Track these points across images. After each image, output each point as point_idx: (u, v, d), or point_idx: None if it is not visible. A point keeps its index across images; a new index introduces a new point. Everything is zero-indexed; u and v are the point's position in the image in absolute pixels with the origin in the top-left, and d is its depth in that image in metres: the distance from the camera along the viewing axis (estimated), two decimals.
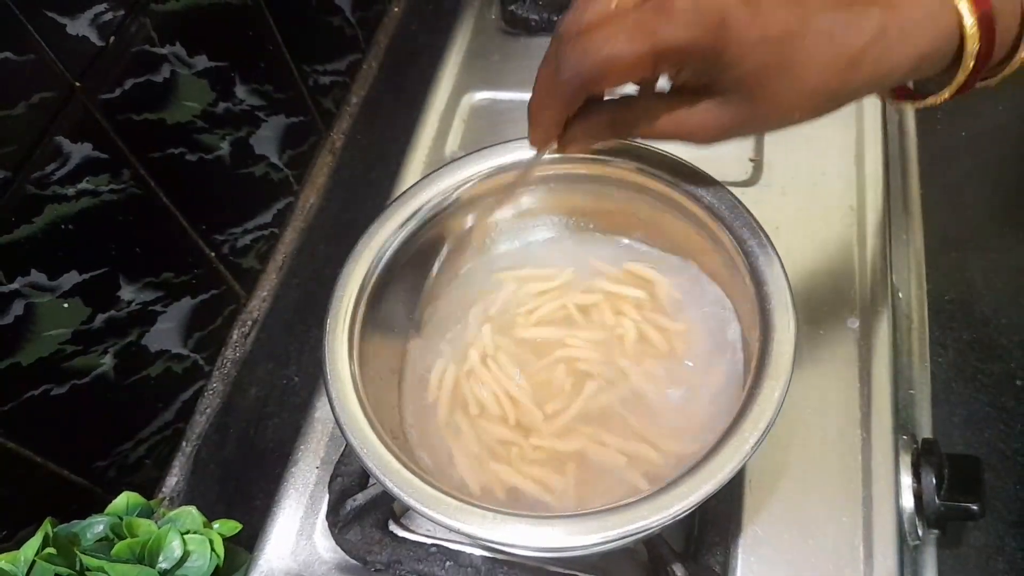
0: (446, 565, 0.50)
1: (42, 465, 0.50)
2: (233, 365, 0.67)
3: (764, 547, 0.49)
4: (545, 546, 0.37)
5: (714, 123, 0.36)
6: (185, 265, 0.61)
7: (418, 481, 0.39)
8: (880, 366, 0.54)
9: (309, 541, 0.54)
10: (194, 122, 0.59)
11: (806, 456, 0.52)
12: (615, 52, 0.33)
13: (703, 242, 0.48)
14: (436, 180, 0.49)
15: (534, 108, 0.39)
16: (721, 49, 0.32)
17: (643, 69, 0.34)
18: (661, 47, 0.32)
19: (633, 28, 0.33)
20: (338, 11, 0.78)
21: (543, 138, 0.41)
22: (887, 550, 0.48)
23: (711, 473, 0.37)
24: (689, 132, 0.37)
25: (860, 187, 0.63)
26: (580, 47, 0.34)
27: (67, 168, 0.49)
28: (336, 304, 0.45)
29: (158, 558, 0.47)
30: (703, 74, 0.35)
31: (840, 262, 0.59)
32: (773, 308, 0.41)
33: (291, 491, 0.56)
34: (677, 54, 0.33)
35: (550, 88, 0.37)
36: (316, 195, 0.76)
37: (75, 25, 0.48)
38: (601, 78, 0.34)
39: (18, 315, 0.47)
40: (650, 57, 0.33)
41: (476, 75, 0.76)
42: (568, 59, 0.34)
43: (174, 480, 0.62)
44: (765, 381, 0.39)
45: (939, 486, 0.49)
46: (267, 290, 0.71)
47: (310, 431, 0.59)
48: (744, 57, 0.33)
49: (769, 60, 0.33)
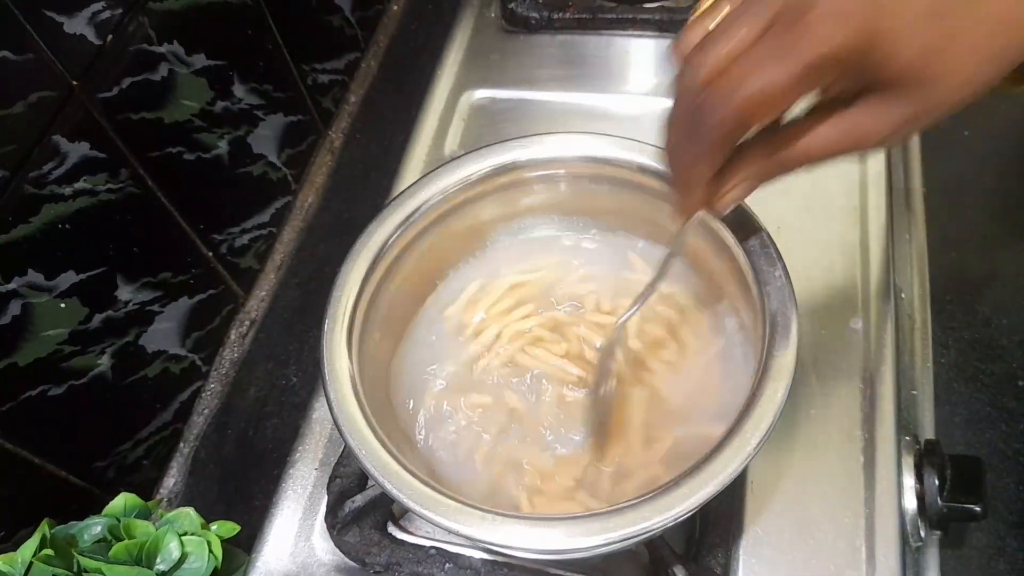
0: (445, 567, 0.50)
1: (40, 466, 0.50)
2: (231, 365, 0.67)
3: (766, 548, 0.49)
4: (545, 548, 0.37)
5: (888, 120, 0.33)
6: (183, 265, 0.61)
7: (417, 483, 0.39)
8: (882, 366, 0.54)
9: (307, 543, 0.54)
10: (192, 121, 0.59)
11: (808, 457, 0.51)
12: (767, 81, 0.30)
13: (704, 242, 0.47)
14: (435, 179, 0.49)
15: (678, 174, 0.36)
16: (875, 43, 0.30)
17: (800, 91, 0.31)
18: (813, 61, 0.30)
19: (776, 51, 0.30)
20: (337, 10, 0.78)
21: (698, 202, 0.38)
22: (889, 551, 0.48)
23: (713, 474, 0.37)
24: (862, 139, 0.34)
25: (862, 187, 0.62)
26: (721, 89, 0.31)
27: (65, 167, 0.49)
28: (335, 304, 0.45)
29: (156, 560, 0.46)
30: (861, 76, 0.32)
31: (842, 262, 0.59)
32: (775, 309, 0.41)
33: (290, 492, 0.56)
34: (831, 64, 0.30)
35: (690, 147, 0.34)
36: (315, 194, 0.76)
37: (73, 24, 0.48)
38: (755, 114, 0.32)
39: (15, 315, 0.47)
40: (803, 76, 0.30)
41: (476, 74, 0.76)
42: (711, 105, 0.32)
43: (172, 481, 0.62)
44: (767, 382, 0.39)
45: (941, 487, 0.49)
46: (265, 290, 0.71)
47: (309, 432, 0.59)
48: (902, 44, 0.30)
49: (929, 38, 0.30)
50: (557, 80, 0.74)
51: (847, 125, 0.33)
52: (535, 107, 0.73)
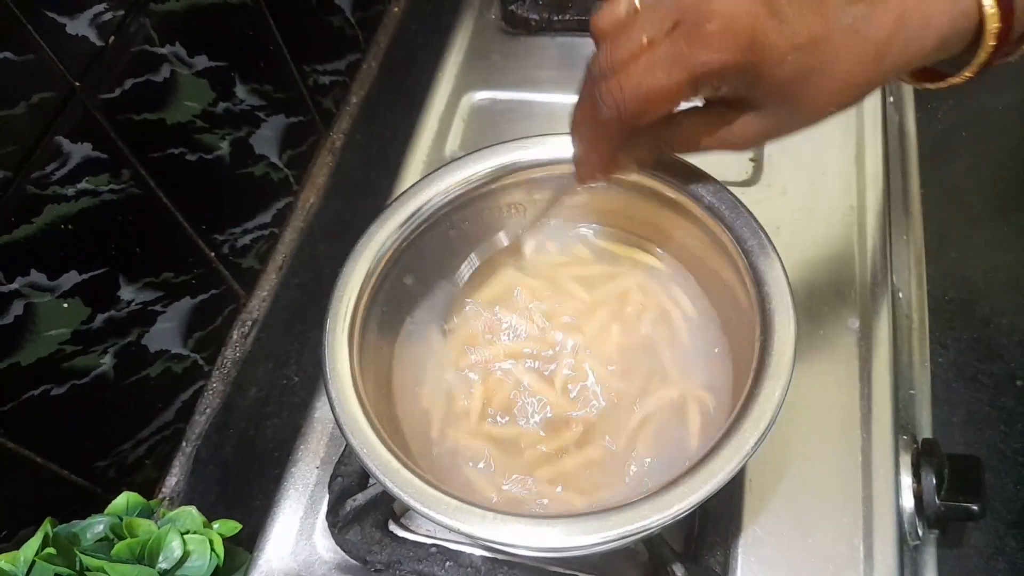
0: (446, 565, 0.50)
1: (42, 465, 0.50)
2: (233, 365, 0.67)
3: (764, 547, 0.49)
4: (545, 546, 0.37)
5: (754, 131, 0.37)
6: (185, 265, 0.61)
7: (418, 481, 0.39)
8: (880, 366, 0.54)
9: (309, 541, 0.54)
10: (194, 122, 0.59)
11: (806, 456, 0.52)
12: (655, 84, 0.34)
13: (703, 242, 0.48)
14: (436, 180, 0.49)
15: (579, 148, 0.41)
16: (756, 64, 0.33)
17: (683, 96, 0.35)
18: (698, 73, 0.33)
19: (668, 58, 0.33)
20: (338, 11, 0.78)
21: (590, 174, 0.43)
22: (887, 550, 0.48)
23: (711, 473, 0.37)
24: (731, 143, 0.38)
25: (860, 187, 0.63)
26: (617, 84, 0.35)
27: (67, 168, 0.49)
28: (336, 304, 0.45)
29: (158, 558, 0.47)
30: (739, 88, 0.35)
31: (840, 262, 0.59)
32: (773, 308, 0.41)
33: (291, 491, 0.56)
34: (714, 76, 0.34)
35: (592, 127, 0.39)
36: (316, 195, 0.76)
37: (75, 25, 0.48)
38: (644, 111, 0.35)
39: (18, 315, 0.47)
40: (688, 83, 0.34)
41: (476, 75, 0.76)
42: (608, 97, 0.35)
43: (174, 480, 0.62)
44: (766, 381, 0.39)
45: (939, 486, 0.49)
46: (267, 290, 0.71)
47: (310, 431, 0.59)
48: (777, 68, 0.34)
49: (801, 66, 0.34)
50: (557, 81, 0.74)
51: (721, 131, 0.38)
52: (536, 108, 0.73)
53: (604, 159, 0.41)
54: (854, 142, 0.66)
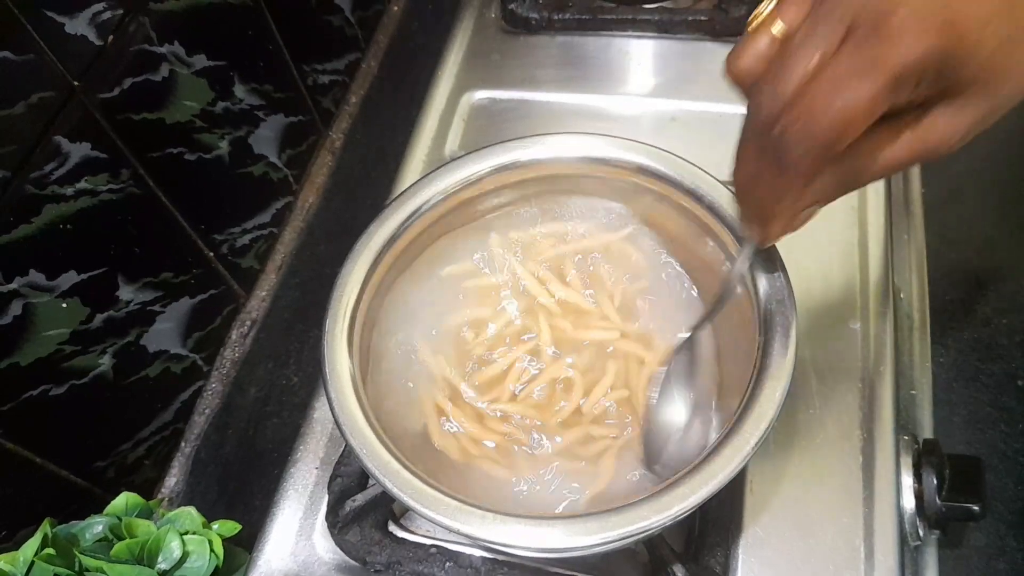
0: (446, 566, 0.50)
1: (41, 465, 0.50)
2: (232, 365, 0.67)
3: (765, 547, 0.49)
4: (545, 547, 0.37)
5: (961, 124, 0.32)
6: (184, 265, 0.61)
7: (418, 482, 0.39)
8: (881, 366, 0.54)
9: (308, 542, 0.54)
10: (193, 121, 0.59)
11: (807, 456, 0.52)
12: (851, 99, 0.28)
13: (704, 242, 0.48)
14: (436, 180, 0.49)
15: (760, 205, 0.35)
16: (956, 44, 0.28)
17: (884, 105, 0.29)
18: (898, 71, 0.28)
19: (859, 66, 0.29)
20: (338, 10, 0.78)
21: (781, 231, 0.36)
22: (888, 550, 0.48)
23: (712, 474, 0.37)
24: (936, 147, 0.32)
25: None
26: (801, 116, 0.29)
27: (66, 168, 0.49)
28: (335, 304, 0.45)
29: (157, 559, 0.47)
30: (941, 80, 0.30)
31: (841, 262, 0.59)
32: (774, 308, 0.41)
33: (290, 491, 0.56)
34: (914, 72, 0.29)
35: (770, 181, 0.33)
36: (315, 195, 0.76)
37: (74, 24, 0.48)
38: (843, 134, 0.29)
39: (16, 315, 0.47)
40: (889, 88, 0.29)
41: (476, 74, 0.76)
42: (793, 135, 0.30)
43: (173, 480, 0.62)
44: (766, 381, 0.39)
45: (940, 486, 0.49)
46: (266, 290, 0.71)
47: (309, 431, 0.59)
48: (982, 42, 0.29)
49: (1004, 33, 0.29)
50: (557, 81, 0.74)
51: (923, 133, 0.32)
52: (535, 108, 0.73)
53: (791, 206, 0.34)
54: None
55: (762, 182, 0.33)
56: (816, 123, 0.29)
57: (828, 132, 0.29)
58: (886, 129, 0.32)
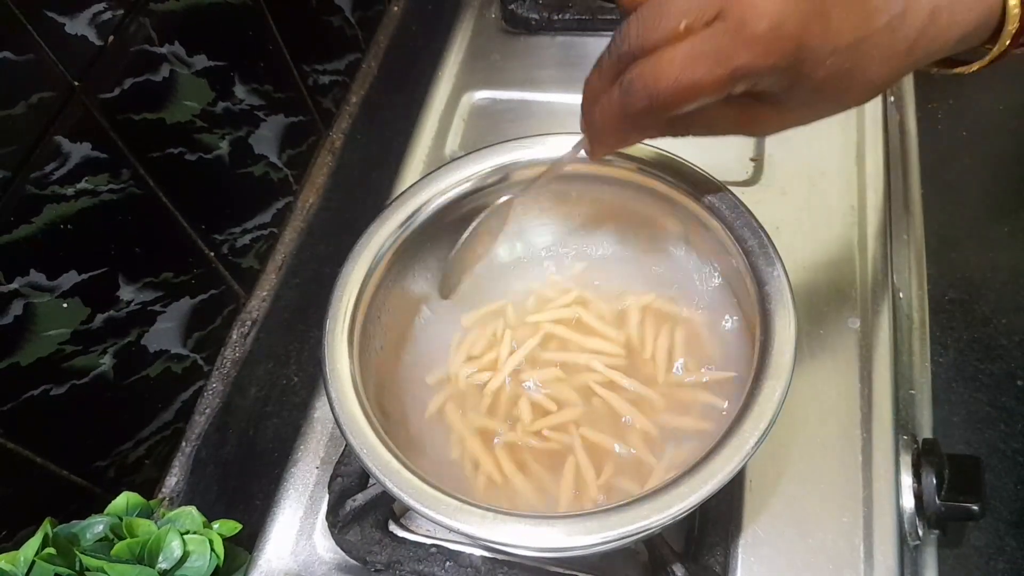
0: (446, 565, 0.50)
1: (42, 465, 0.50)
2: (233, 365, 0.67)
3: (764, 547, 0.49)
4: (545, 546, 0.37)
5: (776, 123, 0.37)
6: (184, 265, 0.61)
7: (418, 481, 0.39)
8: (881, 366, 0.54)
9: (309, 541, 0.54)
10: (193, 122, 0.59)
11: (806, 456, 0.52)
12: (695, 79, 0.32)
13: (704, 242, 0.48)
14: (436, 180, 0.49)
15: (595, 123, 0.38)
16: (796, 66, 0.33)
17: (722, 91, 0.33)
18: (740, 73, 0.32)
19: (710, 54, 0.32)
20: (338, 11, 0.78)
21: (604, 150, 0.41)
22: (887, 550, 0.48)
23: (712, 473, 0.37)
24: (749, 132, 0.38)
25: (861, 187, 0.63)
26: (652, 71, 0.33)
27: (66, 168, 0.49)
28: (336, 304, 0.45)
29: (158, 558, 0.47)
30: (773, 87, 0.34)
31: (841, 262, 0.59)
32: (773, 308, 0.41)
33: (291, 491, 0.56)
34: (754, 76, 0.33)
35: (612, 106, 0.36)
36: (315, 195, 0.76)
37: (74, 24, 0.48)
38: (676, 104, 0.34)
39: (17, 315, 0.47)
40: (727, 82, 0.33)
41: (476, 74, 0.76)
42: (639, 84, 0.34)
43: (174, 480, 0.62)
44: (766, 381, 0.39)
45: (939, 486, 0.49)
46: (267, 290, 0.71)
47: (310, 431, 0.59)
48: (816, 70, 0.33)
49: (840, 67, 0.34)
50: (557, 81, 0.74)
51: (746, 117, 0.37)
52: (536, 108, 0.73)
53: (619, 138, 0.39)
54: (854, 142, 0.66)
55: (601, 106, 0.37)
56: (660, 85, 0.33)
57: (665, 97, 0.33)
58: (721, 105, 0.36)
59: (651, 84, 0.33)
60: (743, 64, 0.32)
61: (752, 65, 0.32)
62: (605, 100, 0.36)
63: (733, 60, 0.32)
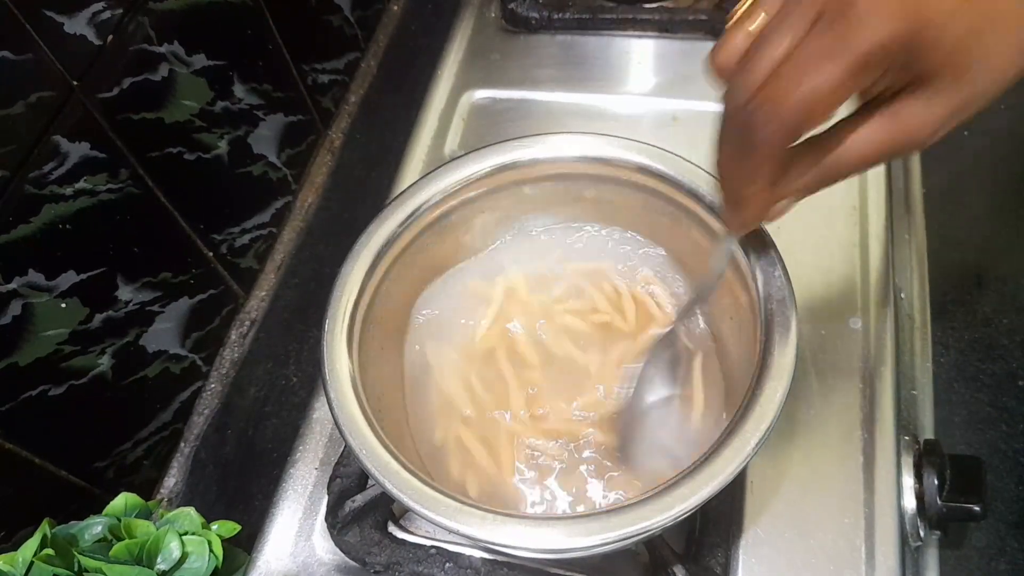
0: (445, 567, 0.50)
1: (40, 466, 0.50)
2: (231, 365, 0.67)
3: (765, 548, 0.49)
4: (545, 547, 0.37)
5: (932, 115, 0.32)
6: (183, 265, 0.61)
7: (417, 482, 0.39)
8: (882, 366, 0.54)
9: (308, 542, 0.54)
10: (192, 121, 0.59)
11: (807, 457, 0.51)
12: (815, 82, 0.29)
13: (704, 242, 0.48)
14: (435, 179, 0.49)
15: (733, 190, 0.36)
16: (921, 31, 0.29)
17: (848, 89, 0.30)
18: (862, 55, 0.29)
19: (823, 50, 0.29)
20: (337, 10, 0.78)
21: (753, 217, 0.37)
22: (889, 551, 0.48)
23: (713, 474, 0.37)
24: (909, 139, 0.32)
25: (862, 187, 0.62)
26: (769, 97, 0.30)
27: (65, 167, 0.49)
28: (335, 304, 0.45)
29: (156, 559, 0.46)
30: (907, 68, 0.30)
31: (842, 262, 0.59)
32: (774, 308, 0.41)
33: (290, 492, 0.56)
34: (882, 56, 0.29)
35: (743, 161, 0.33)
36: (315, 194, 0.76)
37: (73, 24, 0.48)
38: (807, 118, 0.30)
39: (16, 315, 0.47)
40: (852, 73, 0.29)
41: (476, 74, 0.76)
42: (761, 115, 0.31)
43: (172, 481, 0.62)
44: (767, 382, 0.39)
45: (941, 487, 0.49)
46: (266, 290, 0.71)
47: (309, 432, 0.59)
48: (947, 30, 0.29)
49: (972, 21, 0.29)
50: (557, 80, 0.74)
51: (895, 124, 0.32)
52: (535, 107, 0.73)
53: (765, 194, 0.35)
54: None
55: (735, 165, 0.34)
56: (782, 104, 0.30)
57: (794, 113, 0.30)
58: (858, 119, 0.32)
59: (773, 106, 0.30)
60: (861, 44, 0.29)
61: (871, 41, 0.28)
62: (733, 155, 0.34)
63: (850, 44, 0.29)
